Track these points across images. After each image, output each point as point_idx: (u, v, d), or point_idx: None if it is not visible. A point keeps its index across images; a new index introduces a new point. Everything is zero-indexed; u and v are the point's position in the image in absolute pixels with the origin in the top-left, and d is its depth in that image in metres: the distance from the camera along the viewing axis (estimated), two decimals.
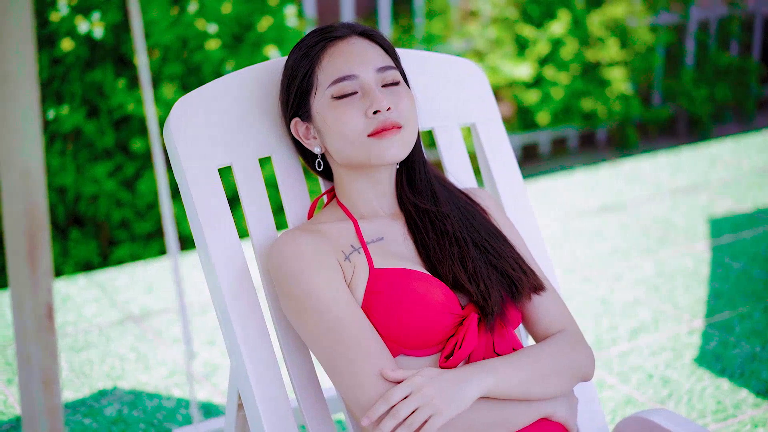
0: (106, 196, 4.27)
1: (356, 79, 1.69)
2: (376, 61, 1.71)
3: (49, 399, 1.15)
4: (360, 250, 1.69)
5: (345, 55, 1.71)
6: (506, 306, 1.69)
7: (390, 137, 1.67)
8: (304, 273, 1.63)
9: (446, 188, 1.83)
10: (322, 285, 1.62)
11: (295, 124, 1.78)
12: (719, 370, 2.98)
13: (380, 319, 1.62)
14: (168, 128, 1.80)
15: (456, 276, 1.68)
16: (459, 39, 5.99)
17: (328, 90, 1.69)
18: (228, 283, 1.77)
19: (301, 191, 1.89)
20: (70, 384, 2.92)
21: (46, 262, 1.11)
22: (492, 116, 2.10)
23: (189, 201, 1.80)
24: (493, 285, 1.68)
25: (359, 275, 1.66)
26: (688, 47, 6.84)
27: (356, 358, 1.58)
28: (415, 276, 1.66)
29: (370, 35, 1.76)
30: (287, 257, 1.65)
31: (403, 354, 1.64)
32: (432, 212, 1.76)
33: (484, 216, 1.82)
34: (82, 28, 4.03)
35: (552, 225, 4.25)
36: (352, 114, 1.67)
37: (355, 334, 1.59)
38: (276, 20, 4.38)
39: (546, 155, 6.44)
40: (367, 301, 1.64)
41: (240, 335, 1.76)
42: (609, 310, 3.40)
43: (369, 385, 1.57)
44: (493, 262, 1.72)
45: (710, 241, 4.00)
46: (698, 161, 5.12)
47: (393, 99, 1.69)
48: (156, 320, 3.32)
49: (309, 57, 1.73)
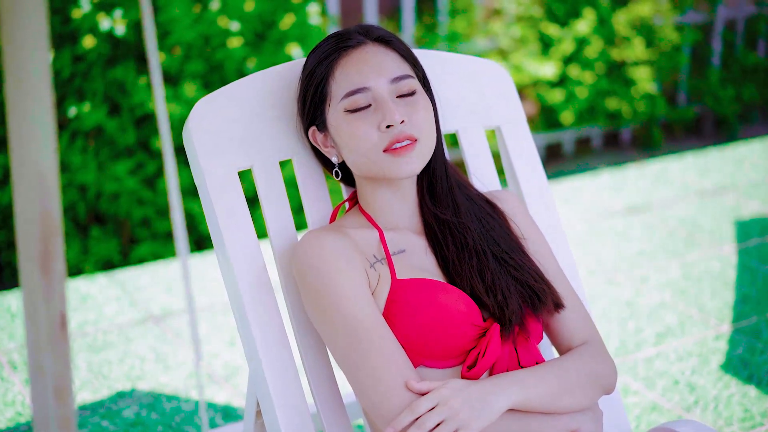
0: (127, 194, 4.25)
1: (369, 92, 1.65)
2: (391, 71, 1.67)
3: (62, 408, 1.12)
4: (383, 261, 1.66)
5: (358, 65, 1.66)
6: (526, 318, 1.66)
7: (405, 154, 1.63)
8: (328, 269, 1.60)
9: (468, 197, 1.79)
10: (346, 284, 1.59)
11: (312, 132, 1.75)
12: (746, 377, 2.92)
13: (402, 329, 1.59)
14: (187, 129, 1.77)
15: (474, 288, 1.65)
16: (483, 37, 5.94)
17: (341, 103, 1.66)
18: (247, 287, 1.74)
19: (322, 195, 1.86)
20: (89, 385, 2.91)
21: (60, 269, 1.09)
22: (517, 118, 2.06)
23: (208, 203, 1.77)
24: (512, 295, 1.65)
25: (382, 285, 1.63)
26: (714, 46, 6.76)
27: (379, 365, 1.54)
28: (438, 286, 1.63)
29: (387, 41, 1.71)
30: (312, 253, 1.62)
31: (423, 365, 1.60)
32: (452, 223, 1.72)
33: (506, 226, 1.78)
34: (104, 26, 4.01)
35: (577, 226, 4.20)
36: (365, 129, 1.64)
37: (377, 340, 1.55)
38: (299, 18, 4.35)
39: (570, 155, 6.39)
40: (389, 310, 1.60)
41: (259, 340, 1.73)
42: (635, 313, 3.35)
43: (393, 394, 1.53)
44: (513, 273, 1.68)
45: (737, 245, 3.93)
46: (725, 162, 5.05)
47: (407, 110, 1.65)
48: (176, 320, 3.30)
49: (323, 66, 1.69)
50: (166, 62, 4.12)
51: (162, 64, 4.13)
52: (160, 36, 4.17)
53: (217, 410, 2.79)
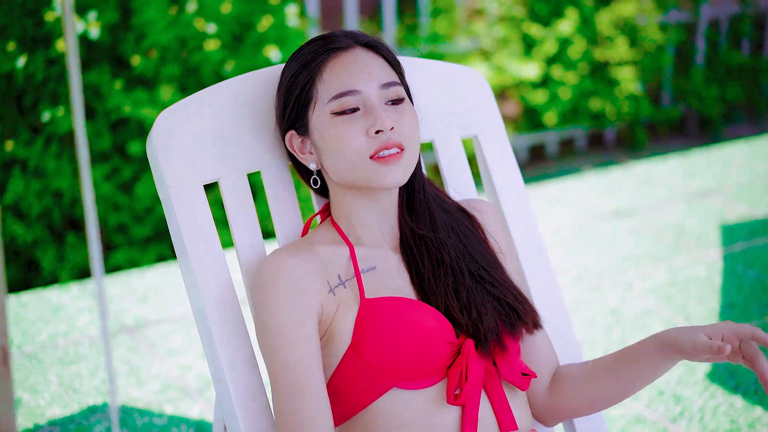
0: (103, 200, 4.16)
1: (359, 95, 1.58)
2: (381, 76, 1.60)
3: None
4: (346, 283, 1.59)
5: (348, 68, 1.59)
6: (502, 335, 1.60)
7: (393, 163, 1.56)
8: (276, 305, 1.54)
9: (445, 210, 1.72)
10: (288, 324, 1.53)
11: (290, 137, 1.67)
12: (733, 387, 2.86)
13: (373, 350, 1.52)
14: (151, 140, 1.69)
15: (448, 306, 1.58)
16: (465, 38, 5.88)
17: (328, 105, 1.58)
18: (213, 305, 1.66)
19: (292, 209, 1.78)
20: (59, 400, 2.82)
21: (0, 302, 1.01)
22: (495, 126, 1.98)
23: (172, 217, 1.69)
24: (487, 312, 1.58)
25: (349, 306, 1.56)
26: (698, 46, 6.71)
27: (304, 416, 1.50)
28: (409, 304, 1.56)
29: (375, 47, 1.64)
30: (265, 283, 1.56)
31: (397, 387, 1.53)
32: (429, 239, 1.65)
33: (483, 240, 1.72)
34: (77, 29, 3.93)
35: (562, 230, 4.13)
36: (353, 132, 1.56)
37: (303, 386, 1.51)
38: (277, 20, 4.27)
39: (553, 156, 6.33)
40: (358, 331, 1.53)
41: (224, 360, 1.65)
42: (620, 321, 3.29)
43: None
44: (490, 290, 1.62)
45: (723, 249, 3.87)
46: (711, 164, 4.99)
47: (396, 117, 1.58)
48: (150, 331, 3.22)
49: (309, 68, 1.61)
50: (141, 65, 4.04)
51: (137, 68, 4.05)
52: (135, 39, 4.09)
53: (190, 425, 2.71)
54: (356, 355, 1.54)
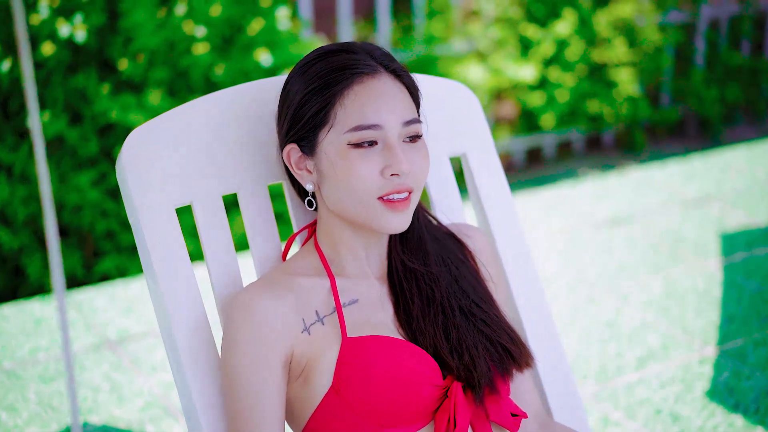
0: (91, 206, 4.08)
1: (380, 130, 1.48)
2: (405, 112, 1.50)
3: None
4: (325, 319, 1.50)
5: (373, 98, 1.49)
6: (494, 376, 1.51)
7: (401, 210, 1.48)
8: (239, 351, 1.48)
9: (436, 238, 1.63)
10: (252, 379, 1.47)
11: (289, 150, 1.56)
12: (732, 405, 2.78)
13: (355, 393, 1.43)
14: (120, 162, 1.61)
15: (437, 347, 1.50)
16: (461, 39, 5.79)
17: (346, 135, 1.48)
18: (185, 341, 1.58)
19: (270, 233, 1.70)
20: (37, 419, 2.74)
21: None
22: (484, 144, 1.90)
23: (142, 243, 1.61)
24: (480, 355, 1.50)
25: (327, 344, 1.48)
26: (698, 47, 6.63)
27: None
28: (394, 345, 1.47)
29: (399, 74, 1.54)
30: (235, 320, 1.49)
31: None
32: (420, 273, 1.56)
33: (475, 271, 1.63)
34: (63, 32, 3.85)
35: (558, 237, 4.05)
36: (367, 170, 1.47)
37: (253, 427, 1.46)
38: (268, 22, 4.19)
39: (551, 159, 6.24)
40: (340, 372, 1.45)
41: (196, 393, 1.57)
42: (615, 334, 3.20)
43: None
44: (483, 329, 1.53)
45: (722, 259, 3.79)
46: (710, 169, 4.90)
47: (411, 157, 1.49)
48: (134, 345, 3.13)
49: (330, 89, 1.49)
50: (129, 69, 3.96)
51: (125, 72, 3.96)
52: (123, 42, 4.00)
53: None
54: (338, 398, 1.45)
